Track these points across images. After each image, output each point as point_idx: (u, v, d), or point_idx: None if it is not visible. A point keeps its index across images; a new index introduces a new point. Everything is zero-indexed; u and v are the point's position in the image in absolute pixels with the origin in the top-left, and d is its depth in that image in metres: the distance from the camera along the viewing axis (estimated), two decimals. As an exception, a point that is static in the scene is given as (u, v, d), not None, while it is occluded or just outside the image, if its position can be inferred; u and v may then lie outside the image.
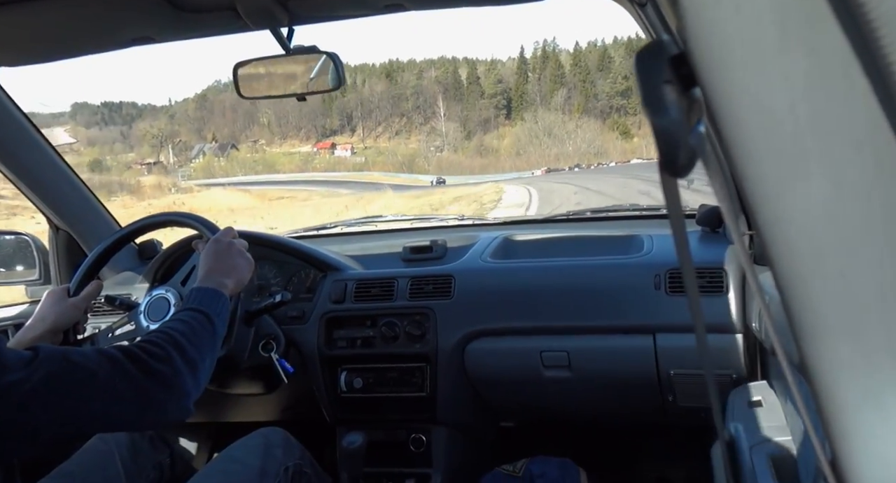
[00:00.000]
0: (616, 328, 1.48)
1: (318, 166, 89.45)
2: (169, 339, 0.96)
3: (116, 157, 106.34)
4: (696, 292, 0.41)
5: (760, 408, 1.17)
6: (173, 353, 0.93)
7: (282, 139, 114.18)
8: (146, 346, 0.93)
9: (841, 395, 0.37)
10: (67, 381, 0.82)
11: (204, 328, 1.03)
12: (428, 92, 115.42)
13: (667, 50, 0.35)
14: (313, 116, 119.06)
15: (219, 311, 1.09)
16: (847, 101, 0.33)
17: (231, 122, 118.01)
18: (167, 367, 0.91)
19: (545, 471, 1.62)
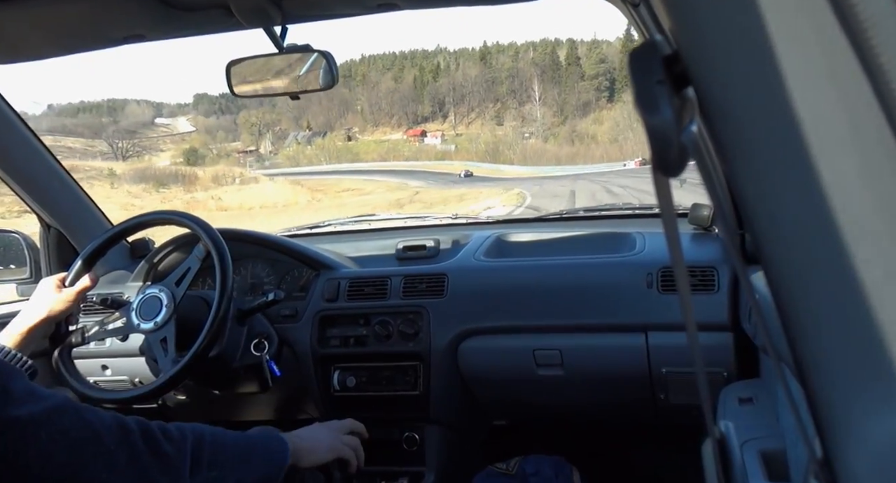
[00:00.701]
0: (608, 326, 1.48)
1: (400, 155, 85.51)
2: (193, 432, 0.91)
3: (221, 146, 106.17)
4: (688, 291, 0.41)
5: (751, 405, 1.18)
6: (187, 446, 0.89)
7: (374, 127, 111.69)
8: (166, 426, 0.89)
9: (832, 393, 0.37)
10: (71, 437, 0.79)
11: (236, 456, 0.96)
12: (524, 74, 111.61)
13: (660, 50, 0.35)
14: (405, 103, 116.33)
15: (261, 463, 1.00)
16: (839, 100, 0.33)
17: (327, 110, 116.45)
18: (175, 451, 0.87)
19: (538, 469, 1.62)
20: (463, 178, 52.87)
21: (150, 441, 0.85)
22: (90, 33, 1.14)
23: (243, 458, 0.96)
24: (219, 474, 0.92)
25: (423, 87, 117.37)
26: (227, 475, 0.93)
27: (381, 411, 1.65)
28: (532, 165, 62.67)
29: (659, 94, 0.33)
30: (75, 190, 1.75)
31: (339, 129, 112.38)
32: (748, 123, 0.35)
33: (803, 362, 0.38)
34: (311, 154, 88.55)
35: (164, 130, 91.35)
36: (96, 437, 0.80)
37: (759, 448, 0.96)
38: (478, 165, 61.63)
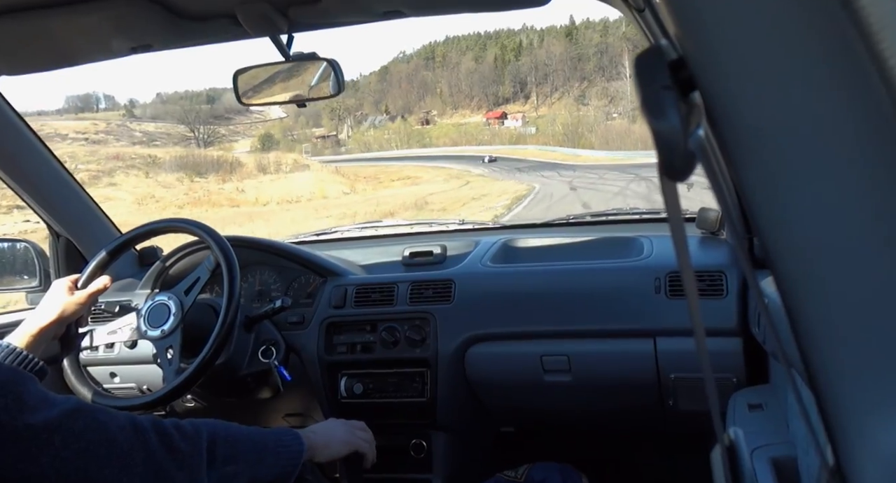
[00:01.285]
0: (616, 332, 1.48)
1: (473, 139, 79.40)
2: (206, 427, 0.91)
3: (301, 131, 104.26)
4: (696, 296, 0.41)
5: (762, 411, 1.17)
6: (202, 442, 0.89)
7: (453, 109, 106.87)
8: (180, 422, 0.89)
9: (844, 400, 0.37)
10: (86, 440, 0.79)
11: (251, 450, 0.96)
12: (613, 50, 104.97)
13: (665, 55, 0.35)
14: (485, 84, 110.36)
15: (277, 458, 1.00)
16: (847, 103, 0.33)
17: (406, 94, 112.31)
18: (190, 448, 0.87)
19: (547, 476, 1.61)
20: (487, 163, 50.51)
21: (164, 438, 0.85)
22: (99, 44, 1.15)
23: (259, 453, 0.96)
24: (235, 469, 0.92)
25: (504, 67, 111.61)
26: (243, 470, 0.93)
27: (389, 418, 1.64)
28: (613, 150, 55.10)
29: (665, 99, 0.33)
30: (84, 198, 1.76)
31: (417, 112, 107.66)
32: (755, 128, 0.34)
33: (814, 368, 0.37)
34: (381, 139, 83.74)
35: (258, 117, 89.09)
36: (111, 439, 0.81)
37: (769, 455, 0.96)
38: (553, 150, 56.56)
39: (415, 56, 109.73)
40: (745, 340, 1.37)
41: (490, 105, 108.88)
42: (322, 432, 1.13)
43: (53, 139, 67.39)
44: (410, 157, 58.88)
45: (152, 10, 0.99)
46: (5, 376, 0.77)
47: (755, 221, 0.37)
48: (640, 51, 0.36)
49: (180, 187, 43.49)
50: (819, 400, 0.38)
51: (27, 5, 0.97)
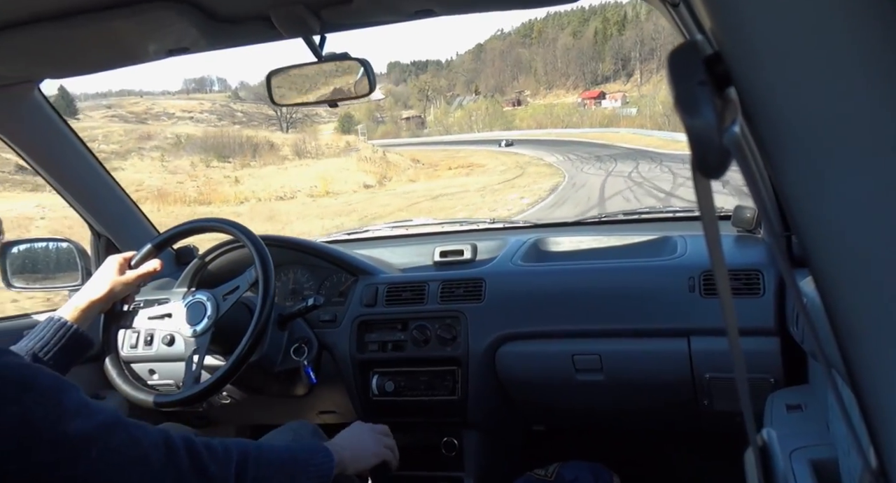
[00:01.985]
0: (650, 331, 1.46)
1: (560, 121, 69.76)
2: (237, 449, 0.92)
3: (391, 112, 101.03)
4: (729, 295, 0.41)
5: (800, 412, 1.14)
6: (232, 465, 0.89)
7: (547, 89, 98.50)
8: (211, 443, 0.90)
9: (886, 401, 0.36)
10: (120, 456, 0.80)
11: (283, 469, 0.96)
12: None
13: (700, 50, 0.34)
14: (583, 61, 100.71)
15: (309, 473, 1.00)
16: (889, 97, 0.32)
17: (499, 73, 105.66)
18: (220, 471, 0.88)
19: (577, 475, 1.60)
20: (503, 148, 48.19)
21: (195, 459, 0.86)
22: (137, 48, 1.18)
23: (289, 474, 0.97)
24: None
25: (604, 43, 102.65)
26: None
27: (420, 416, 1.65)
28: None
29: (700, 95, 0.33)
30: (124, 199, 1.81)
31: (509, 92, 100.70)
32: (794, 123, 0.34)
33: (855, 368, 0.36)
34: (463, 121, 76.16)
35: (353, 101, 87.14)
36: (144, 457, 0.82)
37: (809, 457, 0.94)
38: (649, 134, 48.12)
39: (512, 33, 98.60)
40: (782, 340, 1.34)
41: (587, 84, 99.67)
42: (351, 446, 1.13)
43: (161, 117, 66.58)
44: (480, 140, 52.96)
45: (189, 13, 1.01)
46: (48, 382, 0.79)
47: (794, 219, 0.36)
48: (674, 46, 0.35)
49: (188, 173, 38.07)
50: (861, 401, 0.37)
51: (68, 11, 1.00)
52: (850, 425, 0.41)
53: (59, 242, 1.82)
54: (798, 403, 1.17)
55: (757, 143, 0.36)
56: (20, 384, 0.77)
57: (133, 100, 72.92)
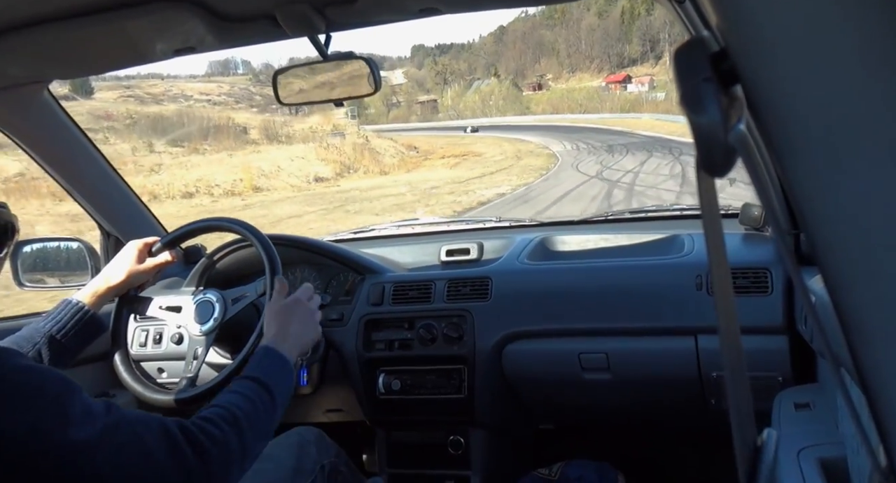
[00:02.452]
0: (657, 330, 1.45)
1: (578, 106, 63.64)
2: (230, 419, 0.94)
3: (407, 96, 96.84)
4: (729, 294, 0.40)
5: (809, 411, 1.14)
6: (230, 437, 0.92)
7: (570, 72, 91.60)
8: (206, 426, 0.91)
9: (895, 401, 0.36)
10: (126, 454, 0.82)
11: (266, 409, 1.00)
12: None
13: (707, 47, 0.34)
14: (608, 43, 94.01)
15: (283, 388, 1.06)
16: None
17: (520, 55, 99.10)
18: (221, 451, 0.90)
19: (582, 474, 1.60)
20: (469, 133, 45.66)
21: (194, 443, 0.88)
22: (144, 48, 1.18)
23: (272, 408, 1.02)
24: (263, 443, 1.00)
25: (632, 23, 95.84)
26: (262, 436, 0.99)
27: (426, 414, 1.65)
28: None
29: (705, 92, 0.32)
30: (133, 199, 1.82)
31: (530, 76, 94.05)
32: (801, 121, 0.34)
33: (864, 367, 0.36)
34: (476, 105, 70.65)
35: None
36: (148, 452, 0.83)
37: (818, 456, 0.93)
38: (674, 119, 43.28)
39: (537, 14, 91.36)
40: (791, 338, 1.33)
41: (612, 67, 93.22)
42: (294, 337, 1.16)
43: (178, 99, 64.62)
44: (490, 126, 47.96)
45: (195, 13, 1.02)
46: (56, 388, 0.80)
47: (802, 217, 0.36)
48: (680, 43, 0.35)
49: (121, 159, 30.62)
50: (870, 400, 0.37)
51: (76, 12, 1.01)
52: (858, 424, 0.40)
53: (69, 242, 1.83)
54: (807, 402, 1.17)
55: (764, 140, 0.35)
56: (32, 389, 0.78)
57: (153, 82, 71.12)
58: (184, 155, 32.91)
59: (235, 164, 28.53)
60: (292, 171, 28.00)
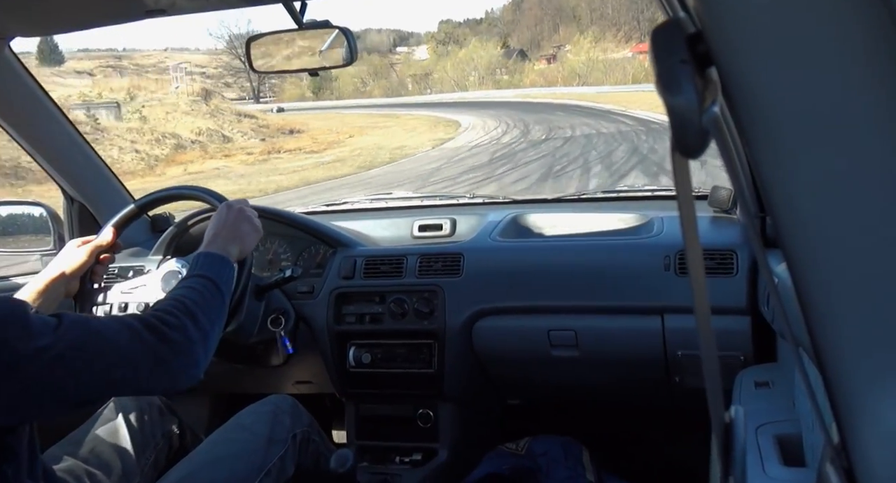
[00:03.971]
0: (624, 308, 1.48)
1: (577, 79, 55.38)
2: (182, 308, 0.99)
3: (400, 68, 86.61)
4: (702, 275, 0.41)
5: (768, 389, 1.18)
6: (187, 322, 0.97)
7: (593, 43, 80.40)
8: (162, 315, 0.96)
9: (851, 379, 0.37)
10: (91, 350, 0.87)
11: (213, 297, 1.06)
12: None
13: (683, 28, 0.34)
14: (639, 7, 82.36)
15: (226, 279, 1.12)
16: (867, 81, 0.33)
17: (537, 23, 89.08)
18: (181, 335, 0.95)
19: (548, 449, 1.64)
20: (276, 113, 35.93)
21: (154, 331, 0.93)
22: (115, 7, 1.14)
23: (220, 296, 1.08)
24: (216, 325, 1.05)
25: None
26: (217, 320, 1.05)
27: (396, 388, 1.67)
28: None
29: (681, 73, 0.33)
30: (98, 164, 1.77)
31: (546, 47, 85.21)
32: (772, 105, 0.34)
33: (821, 347, 0.37)
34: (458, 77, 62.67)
35: (398, 59, 74.70)
36: (113, 343, 0.89)
37: (774, 432, 0.96)
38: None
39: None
40: (753, 319, 1.37)
41: (642, 35, 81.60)
42: (235, 239, 1.20)
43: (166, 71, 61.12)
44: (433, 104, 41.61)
45: None
46: (5, 310, 0.84)
47: (768, 200, 0.36)
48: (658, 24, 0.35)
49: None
50: (825, 378, 0.38)
51: None
52: (814, 402, 0.42)
53: (31, 207, 1.78)
54: (766, 381, 1.20)
55: (736, 123, 0.36)
56: None
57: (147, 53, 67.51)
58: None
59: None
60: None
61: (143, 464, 1.27)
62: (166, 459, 1.32)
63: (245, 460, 1.21)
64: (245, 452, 1.22)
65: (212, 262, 1.12)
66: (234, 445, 1.24)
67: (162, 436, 1.34)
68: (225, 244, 1.18)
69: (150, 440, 1.31)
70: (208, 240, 1.19)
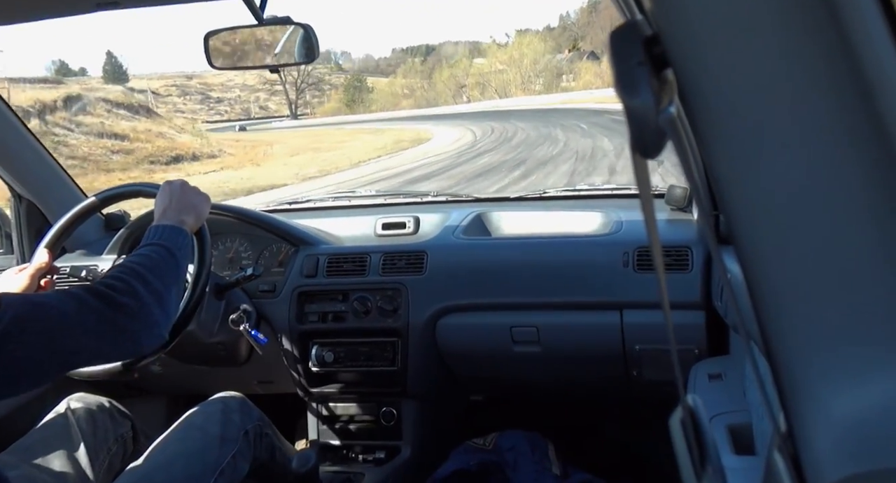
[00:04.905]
0: (584, 304, 1.50)
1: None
2: (130, 272, 0.97)
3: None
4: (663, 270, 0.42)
5: (721, 381, 1.21)
6: (136, 285, 0.95)
7: None
8: (108, 281, 0.95)
9: (797, 369, 0.38)
10: (38, 320, 0.85)
11: (165, 260, 1.04)
12: None
13: (640, 31, 0.35)
14: None
15: (180, 245, 1.10)
16: (818, 83, 0.34)
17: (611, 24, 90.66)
18: (131, 299, 0.94)
19: (515, 444, 1.65)
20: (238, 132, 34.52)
21: (101, 297, 0.92)
22: None
23: (174, 261, 1.07)
24: (176, 288, 1.05)
25: None
26: (172, 281, 1.04)
27: (359, 386, 1.66)
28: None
29: (639, 75, 0.33)
30: (48, 160, 1.71)
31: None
32: (725, 106, 0.35)
33: (770, 339, 0.39)
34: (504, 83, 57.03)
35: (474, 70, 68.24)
36: (61, 313, 0.87)
37: (726, 422, 1.00)
38: None
39: None
40: (707, 313, 1.41)
41: None
42: (189, 209, 1.19)
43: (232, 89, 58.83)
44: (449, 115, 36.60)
45: None
46: None
47: (721, 198, 0.38)
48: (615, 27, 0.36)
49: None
50: (774, 370, 0.40)
51: None
52: (763, 392, 0.43)
53: None
54: (718, 373, 1.24)
55: (690, 124, 0.37)
56: None
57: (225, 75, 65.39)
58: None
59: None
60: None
61: (96, 468, 1.24)
62: (120, 463, 1.29)
63: (199, 459, 1.20)
64: (198, 451, 1.21)
65: (163, 232, 1.10)
66: (186, 444, 1.22)
67: (115, 440, 1.31)
68: (176, 215, 1.16)
69: (103, 444, 1.28)
70: (159, 214, 1.17)
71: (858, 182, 0.35)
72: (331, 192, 2.24)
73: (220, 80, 63.10)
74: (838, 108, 0.34)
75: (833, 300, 0.37)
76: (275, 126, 41.71)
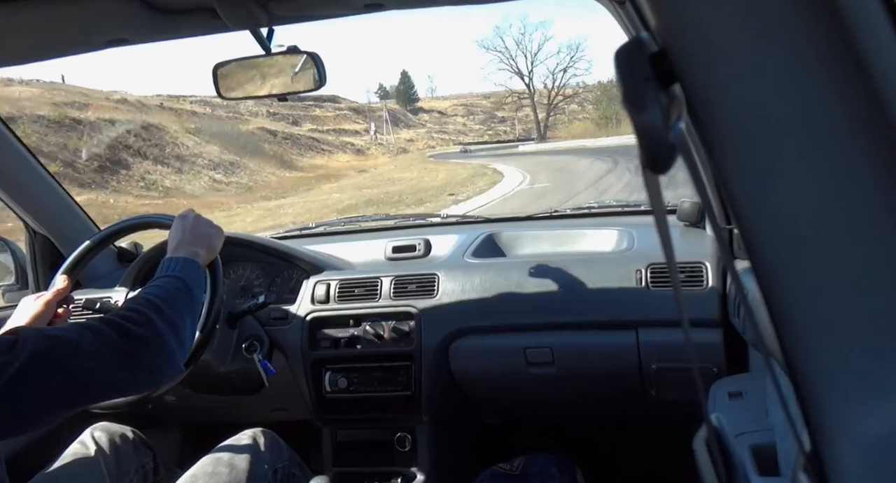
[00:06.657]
0: (599, 324, 1.49)
1: None
2: (146, 303, 0.98)
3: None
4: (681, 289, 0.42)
5: (741, 400, 1.19)
6: (152, 316, 0.96)
7: None
8: (124, 313, 0.95)
9: (821, 387, 0.38)
10: (54, 355, 0.85)
11: (180, 291, 1.05)
12: None
13: (646, 47, 0.35)
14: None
15: (193, 277, 1.10)
16: (827, 96, 0.34)
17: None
18: (147, 329, 0.94)
19: (543, 468, 1.63)
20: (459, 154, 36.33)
21: (117, 328, 0.92)
22: (74, 37, 1.13)
23: (189, 294, 1.07)
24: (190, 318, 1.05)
25: None
26: (187, 312, 1.05)
27: (373, 412, 1.64)
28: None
29: (647, 91, 0.33)
30: (61, 195, 1.73)
31: None
32: (734, 120, 0.35)
33: (792, 356, 0.38)
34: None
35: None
36: (77, 345, 0.88)
37: (749, 442, 0.97)
38: None
39: None
40: (724, 330, 1.39)
41: None
42: (201, 243, 1.20)
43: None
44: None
45: (128, 3, 0.98)
46: None
47: (735, 213, 0.37)
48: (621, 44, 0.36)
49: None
50: (797, 388, 0.39)
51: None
52: (786, 411, 0.42)
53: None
54: (739, 391, 1.22)
55: (700, 138, 0.37)
56: None
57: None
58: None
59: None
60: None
61: None
62: None
63: None
64: None
65: (177, 264, 1.11)
66: (214, 479, 1.21)
67: (136, 470, 1.31)
68: (189, 248, 1.17)
69: (126, 475, 1.28)
70: (172, 247, 1.18)
71: (874, 194, 0.34)
72: (340, 218, 2.25)
73: (510, 100, 60.72)
74: (851, 122, 0.33)
75: (853, 314, 0.36)
76: (520, 150, 36.85)
